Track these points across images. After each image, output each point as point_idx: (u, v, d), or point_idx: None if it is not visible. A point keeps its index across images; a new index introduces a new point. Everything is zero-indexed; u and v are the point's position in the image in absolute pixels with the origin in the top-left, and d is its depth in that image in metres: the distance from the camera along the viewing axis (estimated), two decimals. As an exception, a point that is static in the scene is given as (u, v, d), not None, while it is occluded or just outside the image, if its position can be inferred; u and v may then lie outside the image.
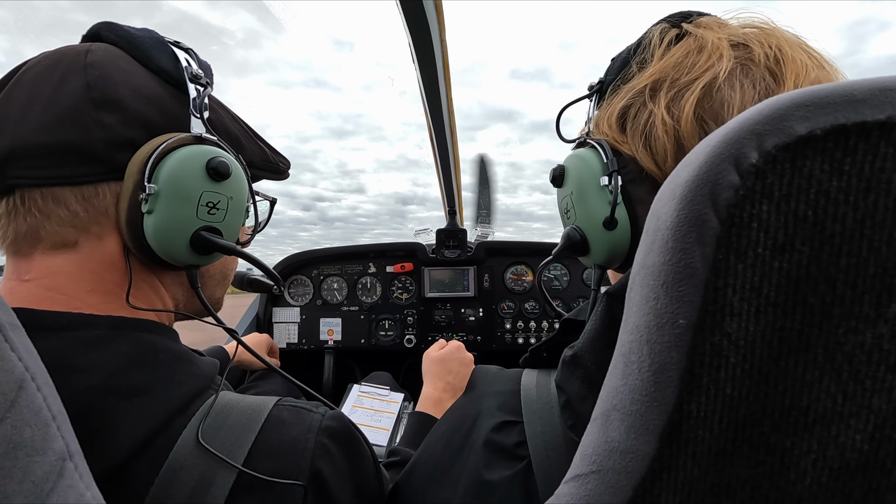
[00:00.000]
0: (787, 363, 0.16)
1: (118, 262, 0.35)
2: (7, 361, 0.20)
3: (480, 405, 0.37)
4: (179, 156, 0.34)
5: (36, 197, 0.32)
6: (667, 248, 0.17)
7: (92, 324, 0.32)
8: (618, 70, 0.37)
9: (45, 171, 0.31)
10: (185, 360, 0.34)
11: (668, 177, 0.19)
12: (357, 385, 1.02)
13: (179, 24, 18.69)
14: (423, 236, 1.45)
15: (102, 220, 0.34)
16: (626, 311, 0.20)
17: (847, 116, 0.15)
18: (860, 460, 0.16)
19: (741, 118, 0.16)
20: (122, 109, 0.33)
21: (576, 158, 0.37)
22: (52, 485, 0.20)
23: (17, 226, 0.32)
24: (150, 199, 0.33)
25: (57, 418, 0.21)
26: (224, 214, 0.36)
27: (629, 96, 0.34)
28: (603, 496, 0.19)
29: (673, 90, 0.32)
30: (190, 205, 0.34)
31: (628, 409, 0.18)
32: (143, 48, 0.36)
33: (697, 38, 0.33)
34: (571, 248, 0.37)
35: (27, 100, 0.32)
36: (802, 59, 0.31)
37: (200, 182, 0.34)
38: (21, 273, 0.33)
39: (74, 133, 0.31)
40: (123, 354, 0.31)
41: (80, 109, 0.32)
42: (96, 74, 0.32)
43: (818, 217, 0.15)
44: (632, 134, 0.34)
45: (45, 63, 0.33)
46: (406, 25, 0.62)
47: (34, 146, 0.31)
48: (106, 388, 0.29)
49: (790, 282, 0.15)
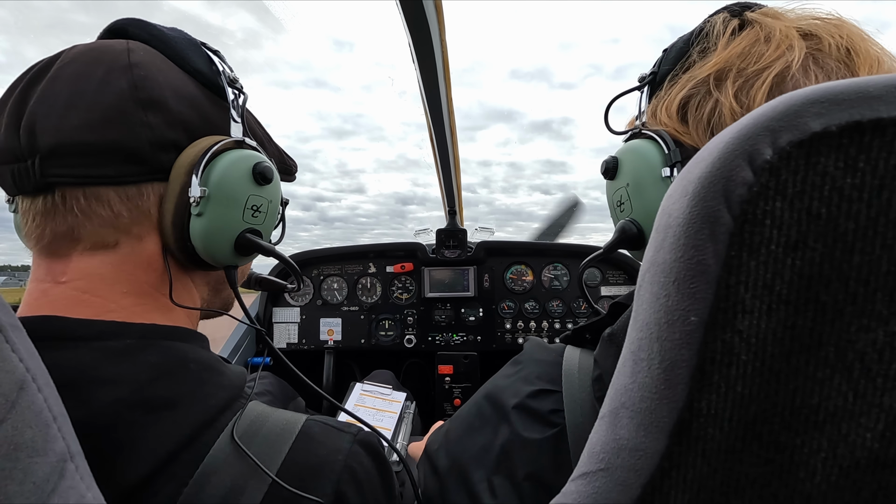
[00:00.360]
0: (798, 361, 0.16)
1: (155, 263, 0.35)
2: (8, 362, 0.20)
3: (521, 370, 0.38)
4: (228, 160, 0.35)
5: (78, 196, 0.31)
6: (678, 244, 0.17)
7: (122, 333, 0.31)
8: (674, 60, 0.36)
9: (90, 169, 0.31)
10: (215, 370, 0.34)
11: (680, 173, 0.18)
12: (360, 384, 1.02)
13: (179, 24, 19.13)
14: (423, 236, 1.45)
15: (144, 220, 0.34)
16: (636, 308, 0.19)
17: (862, 113, 0.14)
18: (870, 458, 0.16)
19: (755, 114, 0.16)
20: (166, 110, 0.33)
21: (632, 151, 0.36)
22: (53, 486, 0.20)
23: (56, 225, 0.32)
24: (201, 202, 0.33)
25: (58, 419, 0.21)
26: (264, 217, 0.37)
27: (690, 86, 0.33)
28: (611, 494, 0.19)
29: (740, 79, 0.31)
30: (238, 208, 0.35)
31: (637, 406, 0.18)
32: (179, 49, 0.36)
33: (764, 26, 0.32)
34: (626, 241, 0.36)
35: (69, 97, 0.31)
36: (875, 51, 0.30)
37: (247, 186, 0.36)
38: (56, 275, 0.32)
39: (120, 133, 0.31)
40: (152, 365, 0.31)
41: (126, 109, 0.31)
42: (141, 75, 0.32)
43: (832, 214, 0.15)
44: (695, 125, 0.33)
45: (83, 59, 0.32)
46: (406, 25, 0.61)
47: (79, 144, 0.30)
48: (133, 401, 0.29)
49: (803, 279, 0.15)
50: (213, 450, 0.30)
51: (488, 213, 72.94)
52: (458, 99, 0.95)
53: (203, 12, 58.64)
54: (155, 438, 0.28)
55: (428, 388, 1.42)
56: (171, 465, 0.29)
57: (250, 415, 0.33)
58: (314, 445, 0.34)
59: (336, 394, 1.37)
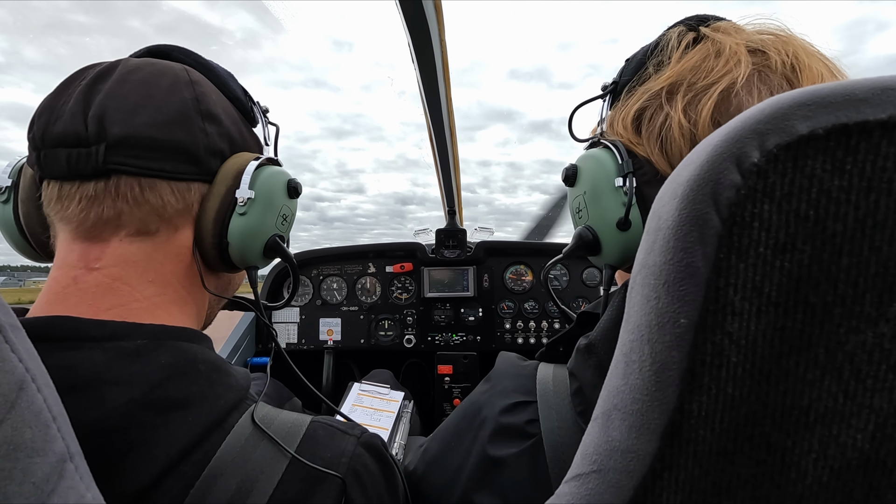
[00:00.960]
0: (788, 363, 0.16)
1: (184, 254, 0.38)
2: (7, 363, 0.20)
3: (496, 385, 0.38)
4: (270, 172, 0.40)
5: (133, 185, 0.34)
6: (668, 247, 0.17)
7: (134, 333, 0.32)
8: (633, 71, 0.37)
9: (151, 162, 0.34)
10: (223, 371, 0.35)
11: (670, 176, 0.19)
12: (357, 384, 1.02)
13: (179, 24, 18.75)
14: (422, 236, 1.45)
15: (185, 213, 0.37)
16: (627, 310, 0.20)
17: (849, 116, 0.15)
18: (861, 459, 0.16)
19: (743, 117, 0.16)
20: (220, 123, 0.38)
21: (590, 159, 0.37)
22: (52, 486, 0.20)
23: (103, 210, 0.34)
24: (248, 203, 0.38)
25: (57, 419, 0.21)
26: (288, 227, 0.43)
27: (645, 98, 0.35)
28: (604, 495, 0.19)
29: (690, 94, 0.32)
30: (273, 214, 0.40)
31: (629, 408, 0.18)
32: (221, 78, 0.41)
33: (715, 42, 0.33)
34: (583, 247, 0.37)
35: (140, 98, 0.35)
36: (818, 67, 0.32)
37: (282, 197, 0.41)
38: (90, 261, 0.34)
39: (183, 135, 0.35)
40: (163, 366, 0.32)
41: (190, 117, 0.36)
42: (201, 91, 0.38)
43: (819, 216, 0.15)
44: (647, 136, 0.34)
45: (149, 70, 0.37)
46: (405, 26, 0.61)
47: (145, 139, 0.34)
48: (146, 401, 0.30)
49: (791, 281, 0.15)
50: (220, 450, 0.31)
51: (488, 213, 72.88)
52: (457, 99, 0.95)
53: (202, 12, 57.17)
54: (167, 438, 0.29)
55: (427, 388, 1.43)
56: (181, 463, 0.29)
57: (258, 415, 0.34)
58: (319, 448, 0.34)
59: (336, 394, 1.38)
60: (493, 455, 0.32)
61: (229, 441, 0.31)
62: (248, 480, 0.30)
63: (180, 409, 0.31)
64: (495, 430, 0.34)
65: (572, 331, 0.37)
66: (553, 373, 0.35)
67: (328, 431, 0.36)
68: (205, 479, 0.29)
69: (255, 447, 0.32)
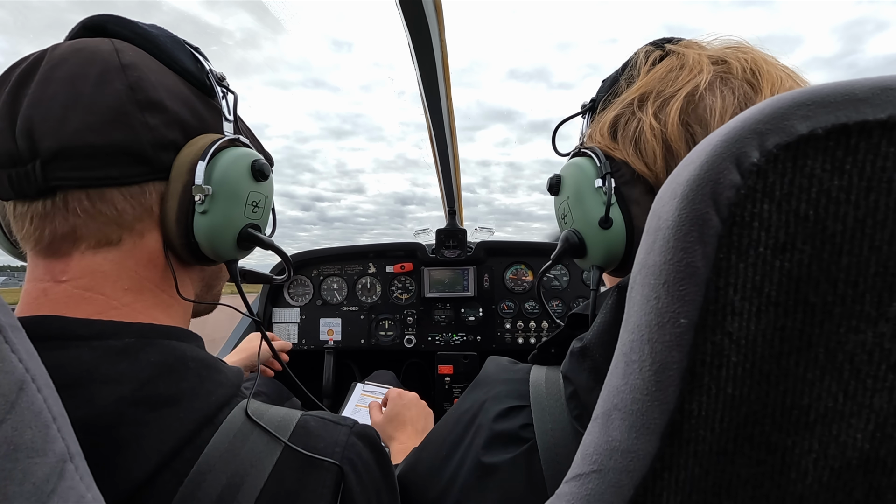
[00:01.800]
0: (788, 362, 0.16)
1: (156, 259, 0.35)
2: (7, 363, 0.20)
3: (489, 391, 0.38)
4: (228, 158, 0.35)
5: (81, 197, 0.32)
6: (668, 247, 0.17)
7: (122, 332, 0.31)
8: (607, 89, 0.41)
9: (94, 171, 0.31)
10: (213, 368, 0.34)
11: (670, 176, 0.19)
12: (360, 384, 1.02)
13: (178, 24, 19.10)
14: (422, 236, 1.45)
15: (146, 218, 0.34)
16: (627, 310, 0.20)
17: (848, 115, 0.15)
18: (861, 459, 0.16)
19: (742, 117, 0.16)
20: (164, 111, 0.33)
21: (571, 166, 0.39)
22: (52, 486, 0.20)
23: (56, 227, 0.32)
24: (206, 200, 0.34)
25: (57, 419, 0.21)
26: (262, 212, 0.39)
27: (619, 108, 0.37)
28: (604, 495, 0.19)
29: (659, 100, 0.35)
30: (240, 204, 0.36)
31: (629, 408, 0.18)
32: (165, 49, 0.36)
33: (679, 55, 0.37)
34: (569, 250, 0.39)
35: (66, 99, 0.31)
36: (777, 72, 0.34)
37: (247, 183, 0.37)
38: (56, 274, 0.32)
39: (123, 135, 0.32)
40: (153, 364, 0.31)
41: (127, 111, 0.32)
42: (136, 76, 0.32)
43: (819, 216, 0.15)
44: (623, 140, 0.37)
45: (73, 60, 0.32)
46: (405, 25, 0.61)
47: (82, 147, 0.31)
48: (136, 399, 0.29)
49: (791, 281, 0.15)
50: (209, 445, 0.30)
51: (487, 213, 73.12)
52: (456, 99, 0.96)
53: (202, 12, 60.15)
54: (158, 435, 0.29)
55: (428, 388, 1.43)
56: (173, 460, 0.29)
57: (249, 409, 0.33)
58: (311, 439, 0.34)
59: (336, 394, 1.38)
60: (487, 462, 0.32)
61: (218, 436, 0.31)
62: (238, 474, 0.30)
63: (171, 405, 0.30)
64: (490, 438, 0.34)
65: (563, 332, 0.38)
66: (546, 375, 0.35)
67: (320, 423, 0.35)
68: (194, 475, 0.29)
69: (245, 441, 0.31)
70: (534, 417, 0.32)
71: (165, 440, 0.29)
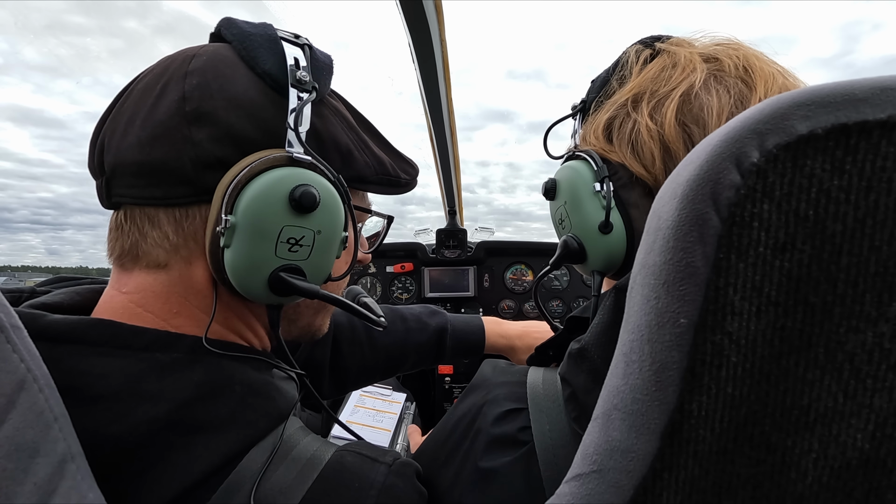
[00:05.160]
0: (788, 362, 0.16)
1: (205, 290, 0.32)
2: (9, 363, 0.20)
3: (487, 395, 0.37)
4: (260, 184, 0.29)
5: (136, 215, 0.31)
6: (668, 247, 0.17)
7: (172, 345, 0.30)
8: (598, 89, 0.40)
9: (141, 190, 0.30)
10: (262, 395, 0.31)
11: (669, 176, 0.19)
12: None
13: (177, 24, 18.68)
14: (422, 236, 1.45)
15: (192, 244, 0.31)
16: (627, 310, 0.20)
17: (848, 115, 0.15)
18: (861, 459, 0.16)
19: (742, 117, 0.16)
20: (214, 123, 0.29)
21: (567, 170, 0.38)
22: (54, 486, 0.20)
23: (122, 242, 0.32)
24: (227, 233, 0.29)
25: (59, 420, 0.22)
26: (309, 251, 0.31)
27: (612, 109, 0.37)
28: (604, 495, 0.19)
29: (654, 100, 0.34)
30: (268, 241, 0.30)
31: (629, 408, 0.18)
32: (252, 48, 0.31)
33: (671, 54, 0.36)
34: (568, 256, 0.39)
35: (131, 114, 0.30)
36: (769, 69, 0.34)
37: (281, 216, 0.30)
38: (121, 284, 0.32)
39: (165, 151, 0.29)
40: (196, 384, 0.29)
41: (173, 125, 0.29)
42: (193, 84, 0.29)
43: (819, 216, 0.15)
44: (619, 143, 0.36)
45: (155, 71, 0.31)
46: (406, 25, 0.61)
47: (132, 164, 0.29)
48: (171, 420, 0.28)
49: (791, 281, 0.15)
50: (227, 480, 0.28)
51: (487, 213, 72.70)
52: (455, 99, 0.96)
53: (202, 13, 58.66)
54: (187, 463, 0.27)
55: (428, 388, 1.43)
56: (196, 490, 0.27)
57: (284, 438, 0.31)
58: (346, 478, 0.30)
59: (337, 394, 1.37)
60: (486, 467, 0.32)
61: (240, 470, 0.28)
62: None
63: (205, 433, 0.28)
64: (488, 442, 0.33)
65: (561, 335, 0.37)
66: (543, 377, 0.35)
67: (357, 459, 0.32)
68: (220, 495, 0.27)
69: (273, 472, 0.29)
70: (532, 420, 0.32)
71: (192, 470, 0.27)
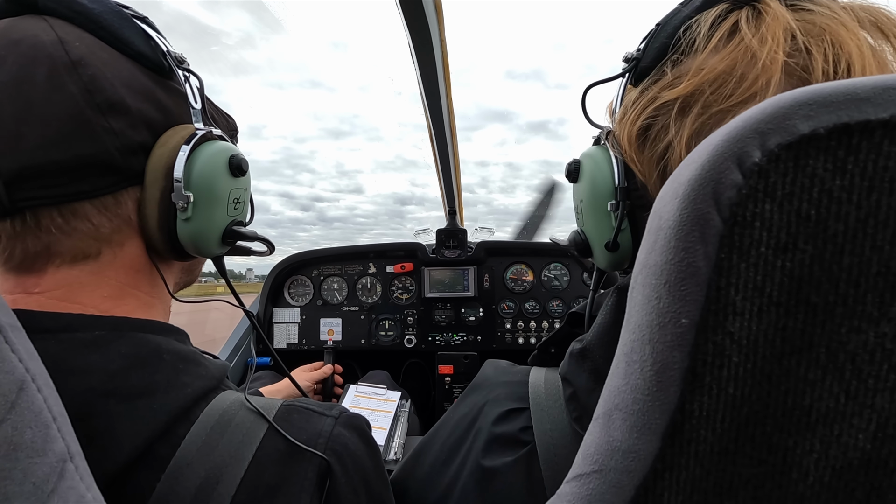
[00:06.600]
0: (789, 362, 0.16)
1: (137, 264, 0.34)
2: (7, 363, 0.20)
3: (488, 394, 0.37)
4: (204, 158, 0.33)
5: (53, 215, 0.30)
6: (669, 247, 0.17)
7: (92, 325, 0.30)
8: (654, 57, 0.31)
9: (64, 188, 0.29)
10: (192, 360, 0.33)
11: (671, 176, 0.19)
12: (354, 385, 1.02)
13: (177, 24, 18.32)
14: (423, 236, 1.45)
15: (125, 228, 0.33)
16: (629, 310, 0.20)
17: (850, 115, 0.15)
18: (863, 459, 0.16)
19: (744, 117, 0.16)
20: (126, 112, 0.31)
21: (592, 163, 0.35)
22: (52, 486, 0.20)
23: (28, 245, 0.30)
24: (188, 207, 0.33)
25: (58, 419, 0.21)
26: (243, 206, 0.38)
27: (654, 108, 0.29)
28: (605, 496, 0.19)
29: (703, 116, 0.27)
30: (222, 205, 0.35)
31: (630, 408, 0.18)
32: (112, 29, 0.31)
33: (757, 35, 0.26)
34: (576, 248, 0.39)
35: (17, 112, 0.28)
36: None
37: (227, 181, 0.35)
38: (28, 286, 0.31)
39: (88, 145, 0.29)
40: (123, 356, 0.30)
41: (87, 119, 0.29)
42: (90, 74, 0.29)
43: (821, 216, 0.15)
44: (649, 158, 0.31)
45: (14, 59, 0.28)
46: (406, 25, 0.62)
47: (46, 164, 0.28)
48: (105, 390, 0.28)
49: (793, 281, 0.15)
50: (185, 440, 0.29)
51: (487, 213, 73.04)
52: (455, 99, 0.96)
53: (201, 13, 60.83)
54: (131, 427, 0.28)
55: (428, 388, 1.43)
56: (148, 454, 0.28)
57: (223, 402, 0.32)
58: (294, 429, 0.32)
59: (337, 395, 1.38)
60: (487, 466, 0.32)
61: (196, 429, 0.30)
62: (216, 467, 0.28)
63: (143, 397, 0.29)
64: (489, 441, 0.33)
65: (563, 331, 0.37)
66: (545, 377, 0.35)
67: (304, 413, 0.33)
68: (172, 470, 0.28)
69: (223, 433, 0.30)
70: (533, 420, 0.32)
71: (139, 431, 0.28)
